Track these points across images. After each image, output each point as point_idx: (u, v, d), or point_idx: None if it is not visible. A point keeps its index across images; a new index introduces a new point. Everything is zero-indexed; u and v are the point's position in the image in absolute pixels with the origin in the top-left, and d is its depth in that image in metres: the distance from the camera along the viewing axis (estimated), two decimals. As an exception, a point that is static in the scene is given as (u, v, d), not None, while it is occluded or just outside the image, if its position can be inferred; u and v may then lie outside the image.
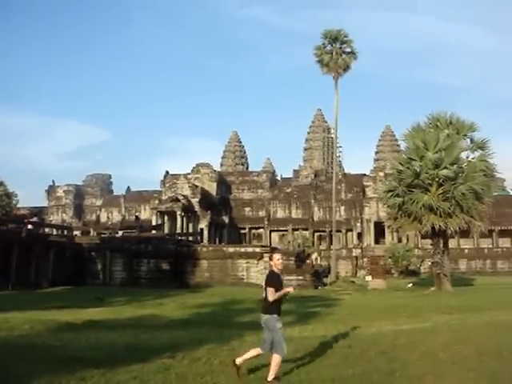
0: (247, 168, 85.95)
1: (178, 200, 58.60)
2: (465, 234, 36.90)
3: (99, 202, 77.82)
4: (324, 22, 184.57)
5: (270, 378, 6.44)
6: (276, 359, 6.52)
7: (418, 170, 27.48)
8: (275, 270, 6.82)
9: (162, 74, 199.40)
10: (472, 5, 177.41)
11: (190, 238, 48.93)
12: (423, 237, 49.80)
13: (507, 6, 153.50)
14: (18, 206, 71.76)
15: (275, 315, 6.67)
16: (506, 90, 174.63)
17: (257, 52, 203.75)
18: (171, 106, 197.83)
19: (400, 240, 57.70)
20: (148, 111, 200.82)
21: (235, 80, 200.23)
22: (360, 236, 62.67)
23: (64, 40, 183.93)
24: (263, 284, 7.01)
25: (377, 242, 60.93)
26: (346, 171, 77.69)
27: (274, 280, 6.74)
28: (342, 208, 65.58)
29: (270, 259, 7.01)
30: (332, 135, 67.02)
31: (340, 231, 61.15)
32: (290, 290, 6.94)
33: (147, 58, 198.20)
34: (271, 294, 6.66)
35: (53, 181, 78.62)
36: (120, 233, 47.15)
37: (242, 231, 67.87)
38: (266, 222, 67.41)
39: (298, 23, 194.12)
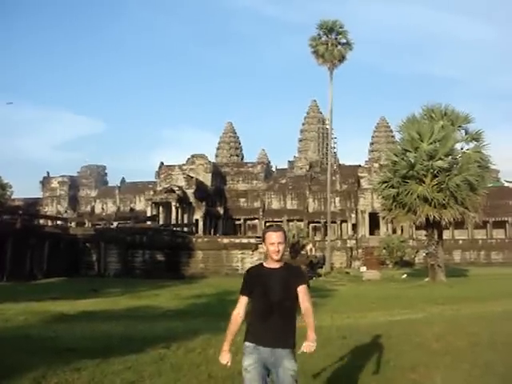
0: (242, 159, 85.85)
1: (172, 191, 58.52)
2: (459, 225, 37.18)
3: (94, 194, 77.61)
4: (319, 12, 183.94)
5: None
6: None
7: (413, 161, 27.50)
8: (264, 262, 4.08)
9: (156, 65, 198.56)
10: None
11: (185, 229, 48.95)
12: (418, 228, 49.94)
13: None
14: (13, 197, 71.73)
15: (247, 343, 3.91)
16: (503, 81, 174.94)
17: (252, 42, 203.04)
18: (166, 97, 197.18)
19: (394, 231, 57.85)
20: (143, 102, 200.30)
21: (230, 71, 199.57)
22: (355, 227, 62.79)
23: (58, 30, 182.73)
24: None
25: (371, 233, 61.10)
26: (341, 162, 77.77)
27: (244, 282, 4.02)
28: (337, 199, 65.68)
29: (263, 240, 4.07)
30: (327, 126, 66.93)
31: (335, 222, 61.22)
32: (306, 348, 3.80)
33: (142, 49, 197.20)
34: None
35: (47, 172, 78.52)
36: (115, 224, 47.13)
37: (237, 222, 67.86)
38: (261, 213, 67.42)
39: (293, 14, 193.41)
